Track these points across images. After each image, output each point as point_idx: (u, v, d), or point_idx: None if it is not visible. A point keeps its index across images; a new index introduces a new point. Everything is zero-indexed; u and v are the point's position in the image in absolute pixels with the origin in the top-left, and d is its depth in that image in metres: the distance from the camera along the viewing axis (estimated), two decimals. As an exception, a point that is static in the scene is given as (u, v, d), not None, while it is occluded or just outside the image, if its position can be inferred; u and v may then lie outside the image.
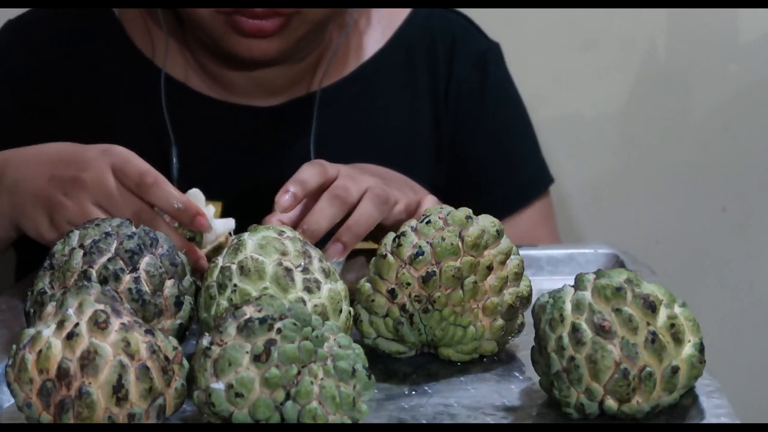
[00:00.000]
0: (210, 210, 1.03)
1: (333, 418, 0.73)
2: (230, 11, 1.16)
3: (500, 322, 0.88)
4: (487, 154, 1.35)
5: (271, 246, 0.85)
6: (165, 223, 0.98)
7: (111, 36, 1.31)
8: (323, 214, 1.02)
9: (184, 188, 1.26)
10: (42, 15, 1.35)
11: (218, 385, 0.72)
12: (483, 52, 1.36)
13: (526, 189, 1.36)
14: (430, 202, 1.12)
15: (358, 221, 1.03)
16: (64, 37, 1.31)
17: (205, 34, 1.21)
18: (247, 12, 1.15)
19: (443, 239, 0.85)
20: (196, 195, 1.02)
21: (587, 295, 0.78)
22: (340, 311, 0.85)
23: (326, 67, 1.29)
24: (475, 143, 1.34)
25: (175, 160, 1.25)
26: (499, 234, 0.88)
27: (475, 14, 1.40)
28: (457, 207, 0.89)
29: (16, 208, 1.03)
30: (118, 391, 0.72)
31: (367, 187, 1.04)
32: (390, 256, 0.86)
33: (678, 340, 0.77)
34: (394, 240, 0.87)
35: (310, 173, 1.03)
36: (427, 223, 0.87)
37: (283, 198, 1.01)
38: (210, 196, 1.26)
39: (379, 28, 1.34)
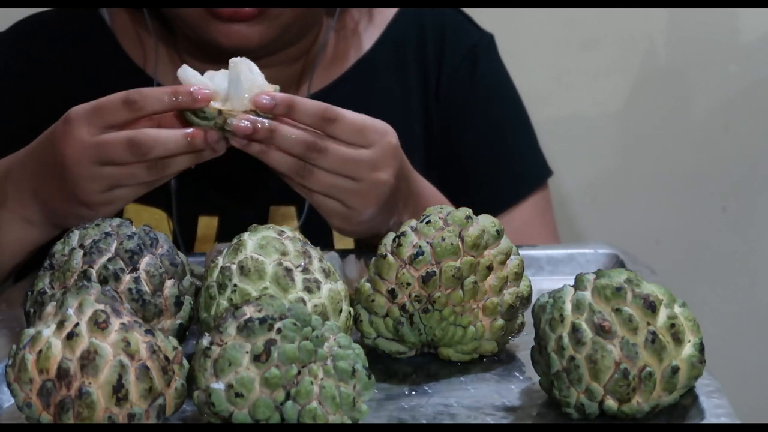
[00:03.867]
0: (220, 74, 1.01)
1: (333, 418, 0.73)
2: (217, 16, 1.16)
3: (500, 322, 0.88)
4: (479, 147, 1.33)
5: (271, 246, 0.85)
6: (159, 129, 0.98)
7: (103, 45, 1.30)
8: (276, 161, 1.00)
9: (178, 201, 1.25)
10: (34, 22, 1.34)
11: (218, 385, 0.72)
12: (474, 44, 1.34)
13: (521, 182, 1.33)
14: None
15: (307, 182, 1.01)
16: (56, 46, 1.31)
17: (187, 25, 1.20)
18: (234, 13, 1.15)
19: (443, 239, 0.85)
20: (186, 72, 1.01)
21: (587, 295, 0.78)
22: (340, 311, 0.85)
23: (316, 70, 1.28)
24: (467, 135, 1.33)
25: None
26: (499, 234, 0.88)
27: (474, 14, 1.40)
28: (451, 203, 0.89)
29: (74, 219, 1.05)
30: (118, 391, 0.72)
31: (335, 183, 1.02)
32: (390, 256, 0.86)
33: (678, 340, 0.77)
34: (394, 240, 0.87)
35: (306, 107, 0.99)
36: (427, 223, 0.87)
37: (264, 98, 0.98)
38: (206, 209, 1.26)
39: (371, 27, 1.33)
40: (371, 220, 1.06)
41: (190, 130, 0.98)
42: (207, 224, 1.25)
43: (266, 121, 0.98)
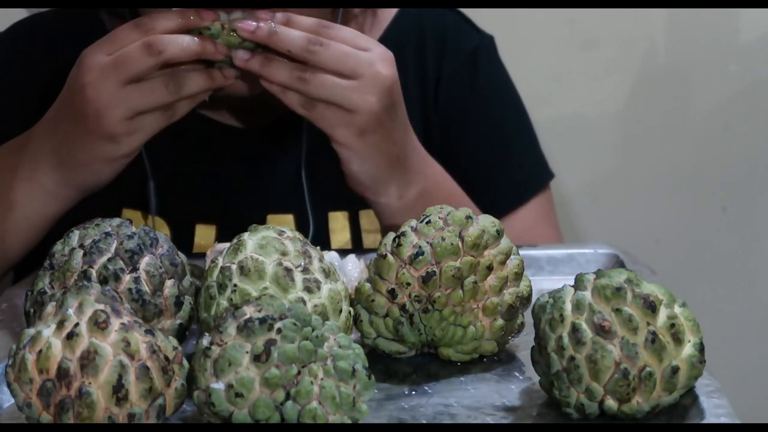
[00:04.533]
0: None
1: (333, 418, 0.73)
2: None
3: (500, 322, 0.88)
4: (481, 152, 1.32)
5: (271, 246, 0.85)
6: (178, 36, 1.03)
7: None
8: (277, 70, 1.03)
9: (175, 208, 1.24)
10: (33, 22, 1.32)
11: (218, 385, 0.72)
12: (475, 48, 1.33)
13: (524, 186, 1.33)
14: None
15: (310, 90, 1.03)
16: (55, 47, 1.29)
17: None
18: None
19: (443, 239, 0.85)
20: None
21: (587, 295, 0.78)
22: (340, 311, 0.85)
23: None
24: (468, 140, 1.32)
25: (152, 185, 1.22)
26: (499, 234, 0.88)
27: (474, 14, 1.40)
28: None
29: (98, 165, 1.08)
30: (118, 391, 0.72)
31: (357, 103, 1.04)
32: (390, 256, 0.86)
33: (678, 340, 0.77)
34: (394, 240, 0.87)
35: (303, 18, 1.03)
36: (427, 223, 0.87)
37: (263, 13, 1.03)
38: (203, 218, 1.25)
39: (372, 29, 1.31)
40: (375, 133, 1.07)
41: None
42: (204, 232, 1.25)
43: (269, 22, 1.03)
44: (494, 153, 1.33)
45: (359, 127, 1.06)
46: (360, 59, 1.04)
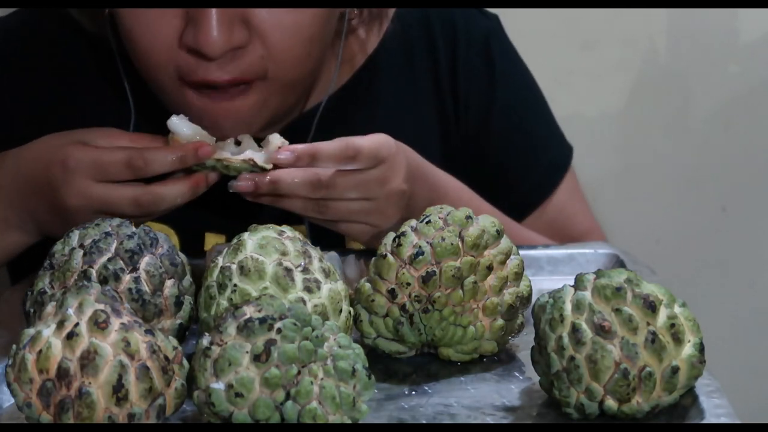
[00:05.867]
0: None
1: (333, 418, 0.73)
2: (189, 83, 1.08)
3: (500, 322, 0.88)
4: (506, 149, 1.30)
5: (271, 246, 0.85)
6: (164, 186, 1.02)
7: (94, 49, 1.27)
8: (290, 205, 1.03)
9: (184, 217, 1.24)
10: (3, 28, 1.30)
11: (218, 385, 0.72)
12: (486, 37, 1.30)
13: (552, 172, 1.31)
14: None
15: (329, 213, 1.03)
16: (31, 52, 1.27)
17: (163, 93, 1.13)
18: (206, 82, 1.07)
19: (443, 239, 0.85)
20: (176, 123, 1.04)
21: (587, 295, 0.78)
22: (340, 311, 0.85)
23: (324, 85, 1.23)
24: (492, 141, 1.30)
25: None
26: (499, 234, 0.88)
27: (475, 14, 1.40)
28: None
29: (55, 228, 1.07)
30: (118, 391, 0.72)
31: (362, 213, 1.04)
32: (390, 256, 0.86)
33: (678, 340, 0.77)
34: (394, 240, 0.87)
35: (328, 153, 1.01)
36: (427, 223, 0.87)
37: (284, 154, 1.01)
38: (213, 227, 1.25)
39: (374, 29, 1.27)
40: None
41: (190, 178, 1.03)
42: (214, 241, 1.24)
43: (266, 176, 1.01)
44: (519, 147, 1.31)
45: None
46: (370, 183, 1.03)
